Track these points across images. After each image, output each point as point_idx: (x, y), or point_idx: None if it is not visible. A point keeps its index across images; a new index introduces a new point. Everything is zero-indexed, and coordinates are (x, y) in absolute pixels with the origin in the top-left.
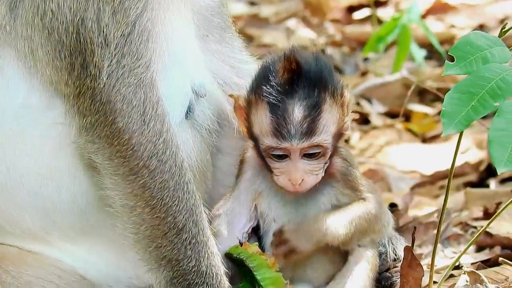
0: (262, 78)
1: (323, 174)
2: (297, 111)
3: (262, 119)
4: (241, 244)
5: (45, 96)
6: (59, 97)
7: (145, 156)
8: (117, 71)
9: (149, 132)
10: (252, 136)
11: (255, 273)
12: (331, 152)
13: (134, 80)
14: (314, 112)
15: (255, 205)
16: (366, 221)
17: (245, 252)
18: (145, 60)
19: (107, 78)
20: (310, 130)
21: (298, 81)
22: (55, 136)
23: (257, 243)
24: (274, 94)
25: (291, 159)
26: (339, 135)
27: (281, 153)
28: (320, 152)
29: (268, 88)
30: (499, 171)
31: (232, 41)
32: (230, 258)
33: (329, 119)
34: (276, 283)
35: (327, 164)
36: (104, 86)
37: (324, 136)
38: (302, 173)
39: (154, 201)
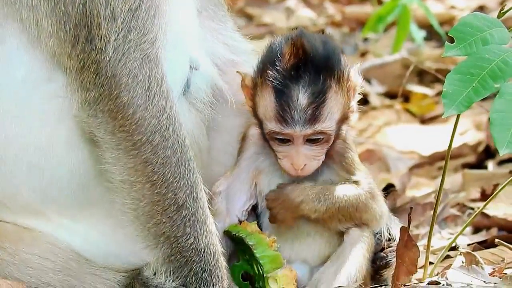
0: (268, 61)
1: (323, 158)
2: (301, 98)
3: (267, 103)
4: (240, 222)
5: (46, 69)
6: (61, 70)
7: (149, 131)
8: (124, 46)
9: (153, 107)
10: (257, 117)
11: (254, 251)
12: (334, 137)
13: (140, 55)
14: (319, 99)
15: (255, 183)
16: (352, 206)
17: (244, 230)
18: (151, 36)
19: (113, 52)
20: (314, 117)
21: (304, 67)
22: (55, 109)
23: (255, 221)
24: (279, 79)
25: (294, 144)
26: (343, 119)
27: (284, 138)
28: (323, 138)
29: (274, 73)
30: (501, 153)
31: (225, 20)
32: (229, 236)
33: (334, 105)
34: (274, 261)
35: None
36: (109, 60)
37: (328, 123)
38: (304, 158)
39: (155, 177)
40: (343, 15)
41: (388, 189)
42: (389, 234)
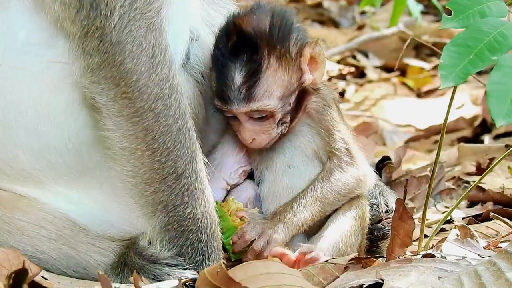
0: (216, 39)
1: (280, 131)
2: (236, 77)
3: (212, 81)
4: (229, 186)
5: (48, 34)
6: (63, 35)
7: (151, 99)
8: (129, 13)
9: (156, 75)
10: None
11: (222, 234)
12: (285, 111)
13: (145, 23)
14: (253, 77)
15: (246, 150)
16: (335, 196)
17: (220, 210)
18: (157, 5)
19: (118, 19)
20: (249, 96)
21: (241, 45)
22: (55, 75)
23: (239, 203)
24: (220, 58)
25: (239, 120)
26: (290, 94)
27: (230, 115)
28: (266, 115)
29: (216, 52)
30: (497, 124)
31: None
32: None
33: (273, 83)
34: (231, 231)
35: (285, 119)
36: (115, 26)
37: (266, 101)
38: (251, 133)
39: (156, 145)
40: None
41: (384, 162)
42: (387, 206)
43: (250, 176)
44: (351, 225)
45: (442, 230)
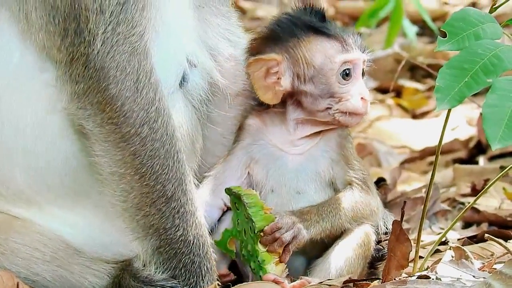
0: (300, 20)
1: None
2: (350, 29)
3: (324, 45)
4: (226, 208)
5: (39, 58)
6: (51, 62)
7: (137, 123)
8: (112, 38)
9: (141, 99)
10: (304, 80)
11: (248, 208)
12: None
13: (129, 48)
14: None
15: (248, 172)
16: (352, 214)
17: (244, 190)
18: (140, 29)
19: (101, 45)
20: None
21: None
22: (48, 97)
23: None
24: (316, 23)
25: (355, 77)
26: None
27: (350, 69)
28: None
29: (312, 19)
30: (493, 148)
31: (228, 15)
32: (229, 193)
33: None
34: (266, 220)
35: None
36: (98, 52)
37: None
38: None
39: (144, 169)
40: (336, 9)
41: (379, 184)
42: (386, 228)
43: None
44: (356, 253)
45: (437, 251)
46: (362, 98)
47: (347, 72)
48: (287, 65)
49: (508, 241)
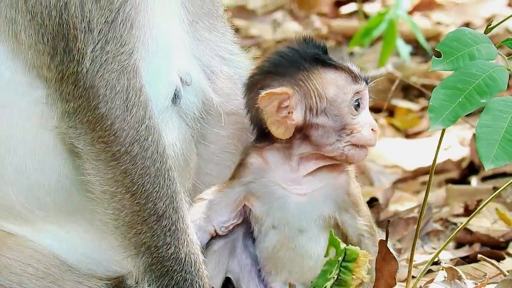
0: (306, 53)
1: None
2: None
3: (335, 77)
4: (216, 234)
5: (30, 76)
6: (41, 81)
7: (127, 142)
8: (101, 57)
9: (131, 118)
10: (316, 113)
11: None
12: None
13: (118, 66)
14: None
15: (245, 205)
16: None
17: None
18: (129, 47)
19: (90, 64)
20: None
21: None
22: (39, 114)
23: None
24: (322, 55)
25: (363, 107)
26: None
27: (359, 100)
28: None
29: (320, 54)
30: (486, 168)
31: (224, 31)
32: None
33: None
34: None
35: None
36: (87, 71)
37: None
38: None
39: (135, 187)
40: (329, 28)
41: (372, 203)
42: None
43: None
44: None
45: (430, 271)
46: (372, 129)
47: (358, 103)
48: (298, 98)
49: (501, 261)
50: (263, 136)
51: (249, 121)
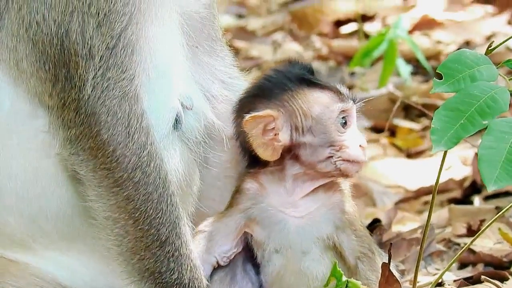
0: (291, 74)
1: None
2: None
3: (320, 96)
4: (218, 265)
5: (31, 105)
6: (43, 108)
7: (130, 168)
8: (102, 83)
9: (133, 144)
10: (302, 132)
11: None
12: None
13: (119, 92)
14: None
15: (245, 231)
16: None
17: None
18: (130, 73)
19: (91, 90)
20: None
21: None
22: (41, 144)
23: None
24: (308, 75)
25: (350, 124)
26: None
27: (346, 117)
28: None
29: (305, 74)
30: (489, 189)
31: (223, 54)
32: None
33: None
34: None
35: None
36: (89, 98)
37: None
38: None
39: (138, 213)
40: (330, 49)
41: (374, 224)
42: None
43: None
44: None
45: None
46: (360, 145)
47: (345, 120)
48: (284, 119)
49: (504, 282)
50: (255, 160)
51: (239, 146)
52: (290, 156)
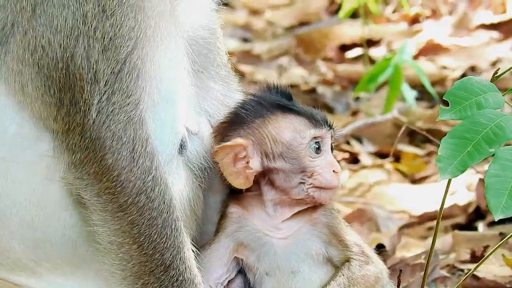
0: (266, 100)
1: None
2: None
3: (293, 122)
4: None
5: (36, 129)
6: (48, 132)
7: (134, 193)
8: (107, 108)
9: (138, 169)
10: (273, 158)
11: None
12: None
13: (124, 117)
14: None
15: (235, 257)
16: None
17: None
18: (135, 97)
19: (96, 115)
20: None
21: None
22: (46, 167)
23: None
24: (283, 100)
25: (324, 150)
26: None
27: (319, 143)
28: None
29: (278, 98)
30: (496, 218)
31: (229, 80)
32: None
33: None
34: None
35: None
36: (93, 122)
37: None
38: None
39: (142, 238)
40: (335, 73)
41: (379, 250)
42: None
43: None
44: None
45: None
46: (333, 171)
47: (317, 146)
48: (254, 146)
49: None
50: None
51: (218, 172)
52: (265, 181)
